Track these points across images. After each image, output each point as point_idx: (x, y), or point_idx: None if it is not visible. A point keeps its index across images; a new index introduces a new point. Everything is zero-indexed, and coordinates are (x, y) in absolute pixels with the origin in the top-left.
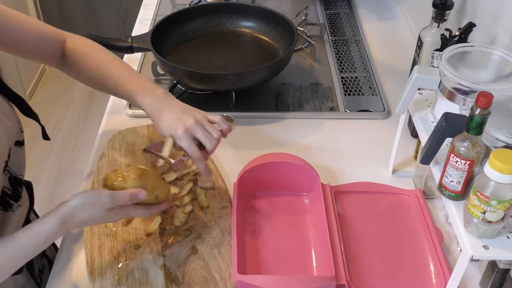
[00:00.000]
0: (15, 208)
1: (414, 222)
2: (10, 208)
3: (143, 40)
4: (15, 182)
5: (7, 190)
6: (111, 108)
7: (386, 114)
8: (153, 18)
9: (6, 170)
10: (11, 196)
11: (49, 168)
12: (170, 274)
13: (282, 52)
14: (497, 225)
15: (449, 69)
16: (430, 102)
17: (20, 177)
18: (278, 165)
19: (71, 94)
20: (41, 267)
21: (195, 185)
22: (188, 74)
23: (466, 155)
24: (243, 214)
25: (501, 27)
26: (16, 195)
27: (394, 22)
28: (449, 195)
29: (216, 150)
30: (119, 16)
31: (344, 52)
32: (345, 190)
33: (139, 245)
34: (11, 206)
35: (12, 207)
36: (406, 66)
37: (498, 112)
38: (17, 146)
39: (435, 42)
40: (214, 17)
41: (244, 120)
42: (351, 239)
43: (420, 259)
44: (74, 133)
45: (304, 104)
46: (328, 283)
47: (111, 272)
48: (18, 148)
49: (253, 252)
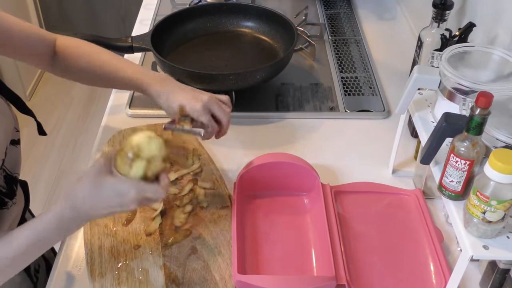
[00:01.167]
0: (9, 205)
1: (414, 222)
2: (5, 206)
3: (143, 40)
4: (10, 180)
5: (1, 188)
6: (111, 108)
7: (386, 114)
8: (153, 18)
9: (2, 169)
10: (6, 194)
11: (49, 168)
12: (170, 274)
13: (282, 52)
14: (497, 225)
15: (449, 69)
16: (430, 102)
17: (15, 175)
18: (278, 165)
19: (71, 94)
20: (37, 266)
21: (195, 185)
22: (188, 74)
23: (466, 155)
24: (243, 214)
25: (501, 27)
26: (10, 193)
27: (394, 22)
28: (449, 195)
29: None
30: (118, 16)
31: (344, 52)
32: (345, 190)
33: (139, 245)
34: (5, 204)
35: (7, 205)
36: (406, 66)
37: (498, 112)
38: (12, 145)
39: (435, 42)
40: (214, 17)
41: (244, 120)
42: (351, 239)
43: (420, 259)
44: (74, 133)
45: (304, 104)
46: (328, 283)
47: (111, 272)
48: (14, 147)
49: (253, 252)
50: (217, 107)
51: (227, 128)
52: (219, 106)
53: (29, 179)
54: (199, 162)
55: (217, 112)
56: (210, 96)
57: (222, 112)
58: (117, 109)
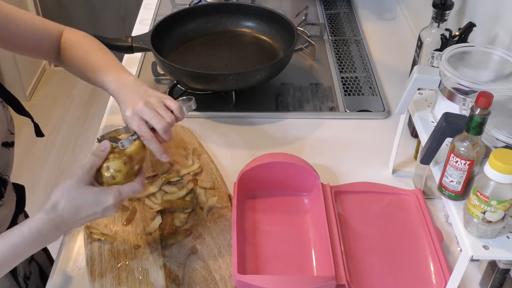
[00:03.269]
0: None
1: (414, 222)
2: None
3: (143, 40)
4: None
5: None
6: (111, 108)
7: (386, 114)
8: (153, 18)
9: None
10: None
11: (49, 168)
12: (170, 274)
13: (282, 52)
14: (497, 225)
15: (449, 69)
16: (430, 102)
17: (5, 177)
18: (278, 165)
19: (71, 94)
20: (28, 272)
21: (195, 185)
22: (188, 74)
23: (466, 155)
24: (243, 214)
25: (501, 27)
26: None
27: (394, 22)
28: (449, 195)
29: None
30: (118, 15)
31: (344, 52)
32: (345, 190)
33: (139, 245)
34: None
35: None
36: (406, 66)
37: (498, 112)
38: (4, 147)
39: (435, 42)
40: (214, 17)
41: (244, 120)
42: (351, 239)
43: (420, 259)
44: (74, 133)
45: (304, 104)
46: (328, 283)
47: (111, 272)
48: (6, 149)
49: (253, 252)
50: (150, 114)
51: (167, 136)
52: (154, 112)
53: (29, 179)
54: (199, 162)
55: (150, 120)
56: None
57: (155, 119)
58: (117, 109)
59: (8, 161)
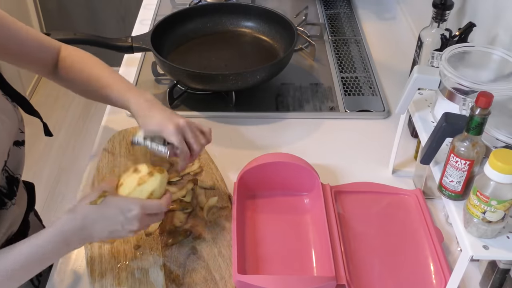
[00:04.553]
0: (8, 206)
1: (414, 222)
2: (4, 207)
3: (143, 40)
4: (11, 181)
5: (2, 189)
6: (111, 108)
7: (386, 114)
8: (153, 18)
9: (4, 170)
10: (6, 194)
11: (49, 168)
12: (170, 274)
13: (282, 52)
14: (497, 225)
15: (449, 69)
16: (430, 102)
17: (16, 176)
18: (278, 165)
19: (71, 94)
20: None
21: (195, 185)
22: (188, 74)
23: (466, 155)
24: (243, 214)
25: (501, 27)
26: (10, 193)
27: (394, 22)
28: (449, 195)
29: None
30: (118, 15)
31: (344, 52)
32: (345, 190)
33: (139, 245)
34: (5, 204)
35: (6, 205)
36: (406, 66)
37: (498, 112)
38: (16, 146)
39: (435, 42)
40: (214, 17)
41: (244, 120)
42: (351, 239)
43: (420, 259)
44: (74, 133)
45: (304, 104)
46: (328, 283)
47: (111, 272)
48: (17, 148)
49: (253, 252)
50: (191, 133)
51: (196, 156)
52: (194, 133)
53: (30, 177)
54: (199, 162)
55: (191, 139)
56: (188, 122)
57: (195, 139)
58: (117, 109)
59: (19, 159)
